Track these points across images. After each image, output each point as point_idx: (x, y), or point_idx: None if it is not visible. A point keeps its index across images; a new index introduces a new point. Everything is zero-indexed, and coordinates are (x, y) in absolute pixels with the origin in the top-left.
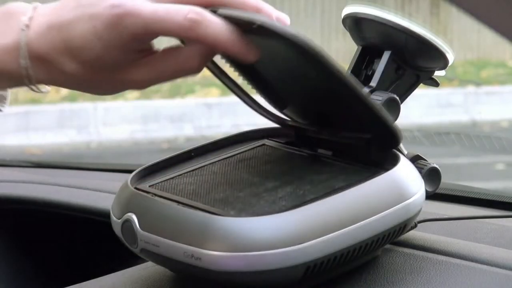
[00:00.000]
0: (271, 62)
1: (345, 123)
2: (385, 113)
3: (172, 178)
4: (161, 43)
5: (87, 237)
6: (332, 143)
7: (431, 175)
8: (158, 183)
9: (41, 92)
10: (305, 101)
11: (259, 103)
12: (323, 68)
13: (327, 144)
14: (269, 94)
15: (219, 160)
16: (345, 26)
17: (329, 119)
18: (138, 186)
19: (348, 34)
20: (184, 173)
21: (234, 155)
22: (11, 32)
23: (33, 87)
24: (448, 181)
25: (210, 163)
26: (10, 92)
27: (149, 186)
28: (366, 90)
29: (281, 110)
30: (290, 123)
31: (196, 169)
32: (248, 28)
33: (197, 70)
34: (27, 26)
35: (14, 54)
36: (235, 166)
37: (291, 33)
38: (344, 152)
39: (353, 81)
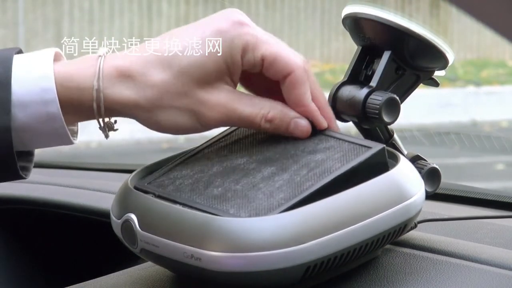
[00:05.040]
0: None
1: None
2: None
3: (170, 170)
4: None
5: (87, 237)
6: None
7: (431, 175)
8: (155, 179)
9: (109, 128)
10: None
11: None
12: None
13: None
14: None
15: (214, 142)
16: (345, 26)
17: None
18: (138, 186)
19: (348, 34)
20: (180, 162)
21: (227, 135)
22: (87, 59)
23: (102, 119)
24: (448, 181)
25: (205, 147)
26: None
27: (147, 183)
28: (365, 90)
29: None
30: None
31: (192, 155)
32: None
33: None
34: (104, 55)
35: (89, 76)
36: (231, 149)
37: None
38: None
39: None
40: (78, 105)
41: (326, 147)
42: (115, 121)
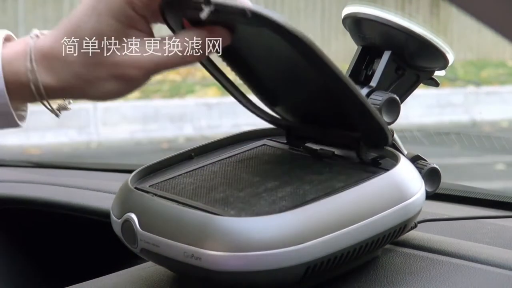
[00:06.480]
0: (264, 57)
1: (336, 121)
2: (375, 111)
3: (172, 178)
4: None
5: (87, 237)
6: (333, 144)
7: (431, 175)
8: (158, 183)
9: (62, 108)
10: (296, 98)
11: (251, 101)
12: (314, 60)
13: (328, 144)
14: (261, 90)
15: (219, 160)
16: (345, 26)
17: (319, 117)
18: (138, 186)
19: (348, 34)
20: (184, 173)
21: (235, 155)
22: (21, 42)
23: (43, 98)
24: (448, 181)
25: (210, 163)
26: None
27: (149, 186)
28: (365, 90)
29: (272, 107)
30: (281, 122)
31: (196, 169)
32: (241, 19)
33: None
34: (37, 36)
35: (22, 59)
36: (235, 166)
37: (283, 22)
38: (344, 152)
39: (343, 74)
40: (20, 87)
41: (332, 170)
42: (69, 102)
